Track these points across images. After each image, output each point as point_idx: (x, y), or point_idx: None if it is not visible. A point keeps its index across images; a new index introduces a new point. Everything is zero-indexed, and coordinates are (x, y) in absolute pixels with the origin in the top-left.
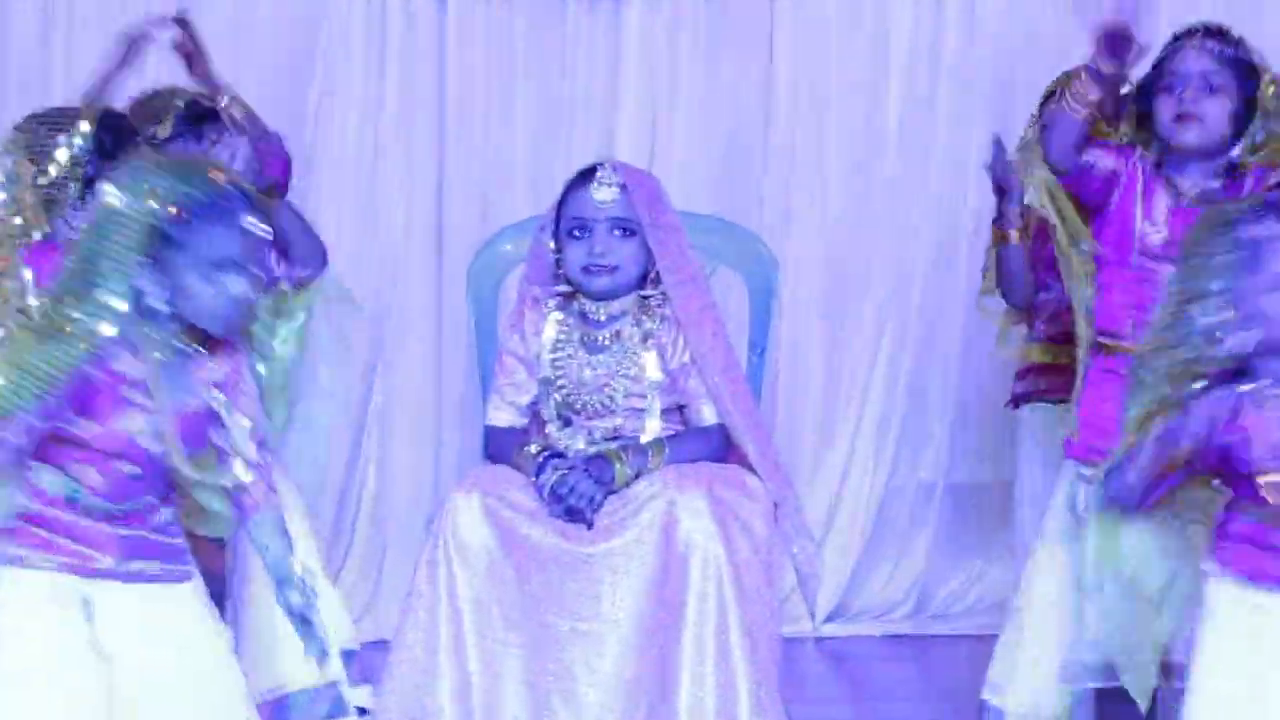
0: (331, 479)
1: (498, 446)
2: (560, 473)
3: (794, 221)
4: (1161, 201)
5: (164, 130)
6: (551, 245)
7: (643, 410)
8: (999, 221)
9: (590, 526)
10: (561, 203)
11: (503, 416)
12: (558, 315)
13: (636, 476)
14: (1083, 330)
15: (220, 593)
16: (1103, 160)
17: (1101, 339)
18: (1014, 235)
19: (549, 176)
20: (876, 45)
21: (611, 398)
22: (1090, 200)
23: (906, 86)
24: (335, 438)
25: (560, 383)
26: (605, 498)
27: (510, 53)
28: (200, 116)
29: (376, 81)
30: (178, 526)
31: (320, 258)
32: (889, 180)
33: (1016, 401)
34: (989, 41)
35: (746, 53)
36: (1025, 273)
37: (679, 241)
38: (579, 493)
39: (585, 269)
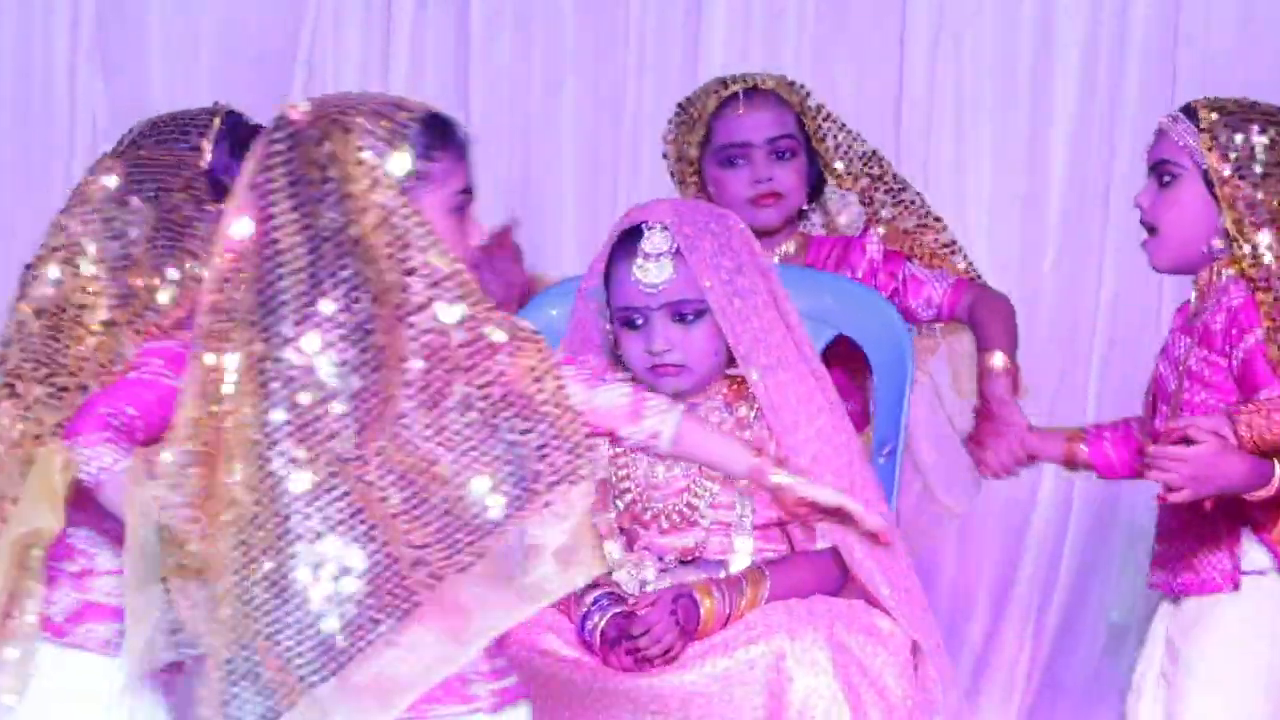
0: None
1: None
2: (622, 610)
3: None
4: None
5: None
6: (608, 317)
7: (729, 525)
8: None
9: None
10: (607, 276)
11: None
12: None
13: (726, 622)
14: None
15: None
16: None
17: None
18: None
19: (608, 207)
20: (1044, 36)
21: (693, 505)
22: None
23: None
24: None
25: (623, 485)
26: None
27: (555, 42)
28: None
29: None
30: None
31: None
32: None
33: None
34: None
35: (870, 47)
36: None
37: (763, 311)
38: (656, 637)
39: (650, 370)
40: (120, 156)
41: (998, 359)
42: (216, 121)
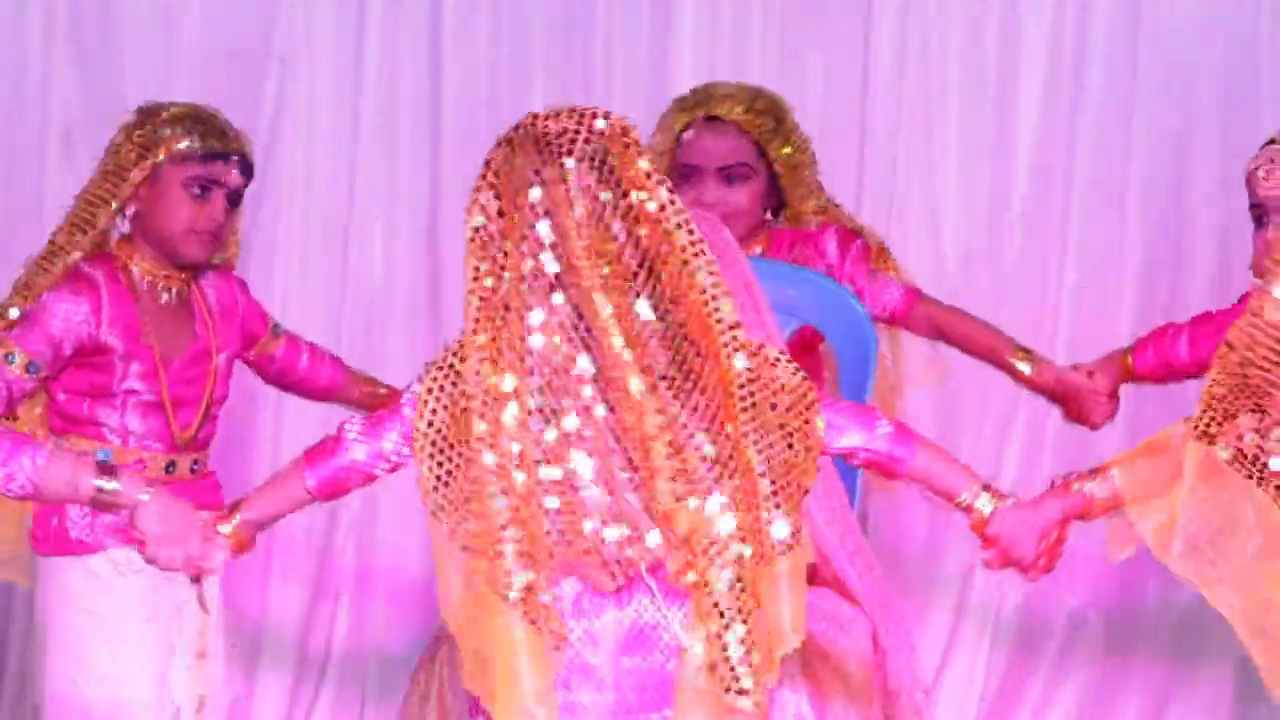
0: (291, 609)
1: None
2: None
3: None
4: None
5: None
6: None
7: None
8: None
9: None
10: None
11: None
12: None
13: None
14: None
15: None
16: None
17: None
18: None
19: None
20: (1005, 20)
21: None
22: None
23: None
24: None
25: None
26: None
27: (524, 41)
28: None
29: (351, 81)
30: None
31: None
32: (1021, 197)
33: None
34: (1158, 24)
35: (836, 45)
36: None
37: (747, 311)
38: None
39: None
40: None
41: (1025, 365)
42: None
